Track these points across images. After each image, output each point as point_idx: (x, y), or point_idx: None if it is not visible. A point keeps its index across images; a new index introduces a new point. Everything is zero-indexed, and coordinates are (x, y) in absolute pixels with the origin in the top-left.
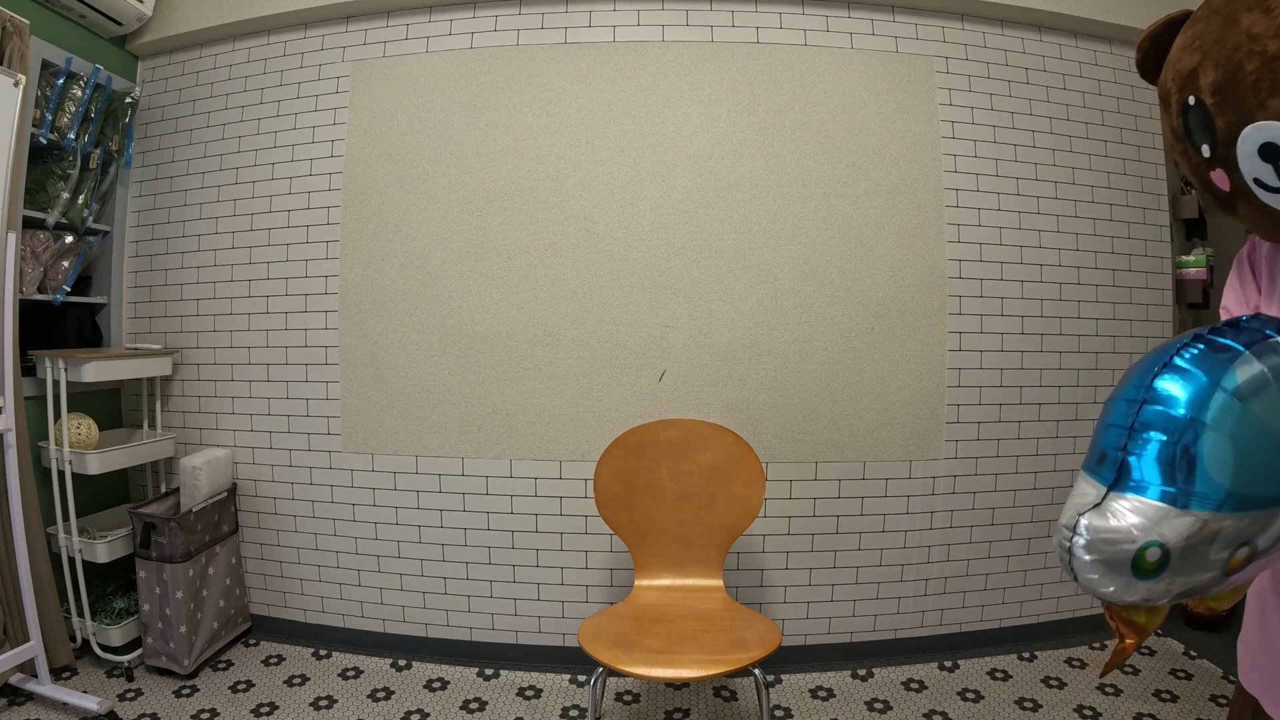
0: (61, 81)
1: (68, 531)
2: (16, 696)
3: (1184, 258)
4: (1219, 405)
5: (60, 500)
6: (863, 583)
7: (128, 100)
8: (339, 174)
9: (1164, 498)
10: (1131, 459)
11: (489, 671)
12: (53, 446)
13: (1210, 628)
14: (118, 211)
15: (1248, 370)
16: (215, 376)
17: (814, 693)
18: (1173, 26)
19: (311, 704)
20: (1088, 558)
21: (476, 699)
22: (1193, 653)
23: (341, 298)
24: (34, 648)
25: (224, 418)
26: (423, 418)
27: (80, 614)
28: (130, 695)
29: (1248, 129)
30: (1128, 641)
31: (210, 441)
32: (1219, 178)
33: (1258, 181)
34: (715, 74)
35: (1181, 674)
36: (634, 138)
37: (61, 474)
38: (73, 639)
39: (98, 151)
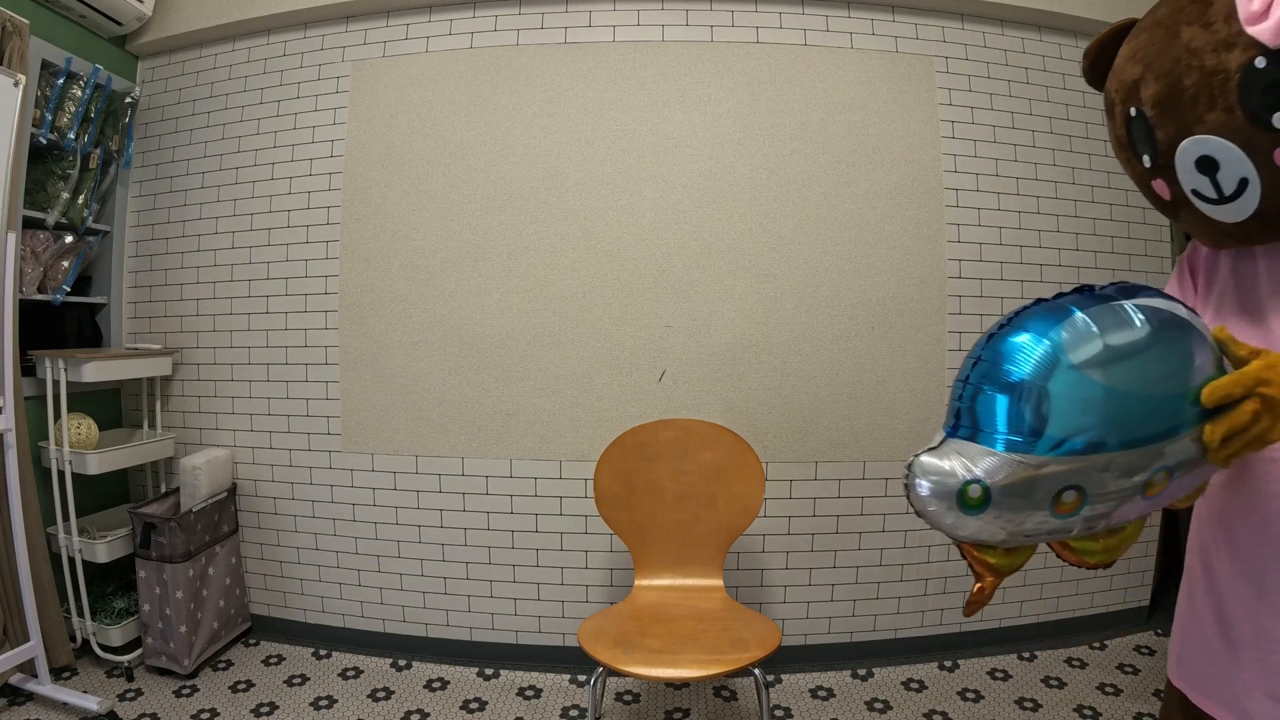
0: (61, 81)
1: (68, 531)
2: (16, 696)
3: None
4: (1040, 356)
5: (60, 500)
6: (863, 583)
7: (128, 100)
8: (339, 174)
9: (982, 439)
10: (962, 406)
11: (489, 671)
12: (53, 446)
13: None
14: (118, 211)
15: (1073, 324)
16: (215, 376)
17: (814, 693)
18: (1119, 36)
19: (311, 704)
20: (922, 492)
21: (476, 699)
22: None
23: (341, 298)
24: (34, 648)
25: (224, 418)
26: (423, 418)
27: (80, 614)
28: (130, 695)
29: (1185, 142)
30: (986, 580)
31: (210, 441)
32: (1160, 187)
33: (1195, 192)
34: (715, 74)
35: None
36: (634, 138)
37: (61, 474)
38: (73, 639)
39: (98, 151)
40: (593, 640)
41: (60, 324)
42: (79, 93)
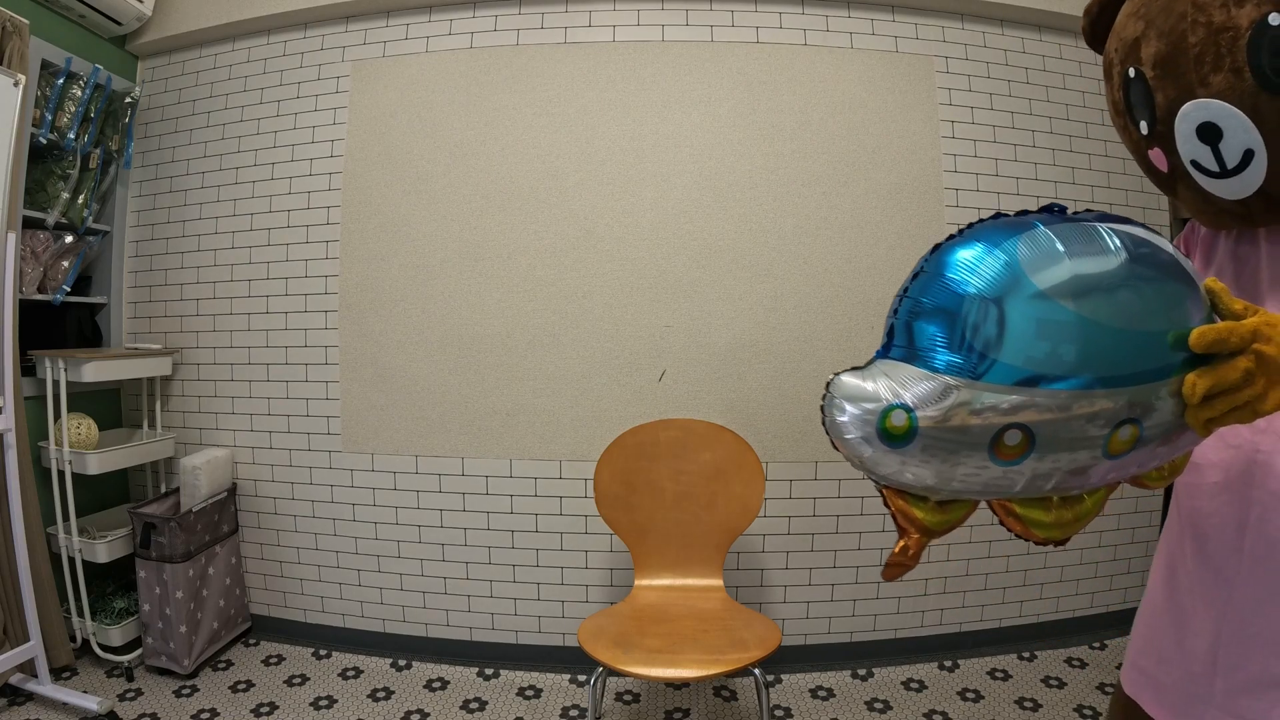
0: (61, 81)
1: (68, 531)
2: (16, 696)
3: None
4: (993, 268)
5: (60, 500)
6: (863, 582)
7: (127, 100)
8: (339, 174)
9: (917, 361)
10: (896, 323)
11: (489, 671)
12: (53, 446)
13: None
14: (118, 211)
15: (1035, 238)
16: (215, 376)
17: (814, 693)
18: None
19: (311, 704)
20: (839, 418)
21: (476, 699)
22: None
23: (341, 298)
24: (34, 648)
25: (224, 418)
26: (423, 418)
27: (80, 614)
28: (130, 695)
29: (1187, 106)
30: (911, 538)
31: (210, 441)
32: (1157, 157)
33: (1195, 164)
34: (715, 74)
35: None
36: (634, 138)
37: (61, 474)
38: (73, 639)
39: (98, 151)
40: (593, 640)
41: (60, 324)
42: (79, 93)
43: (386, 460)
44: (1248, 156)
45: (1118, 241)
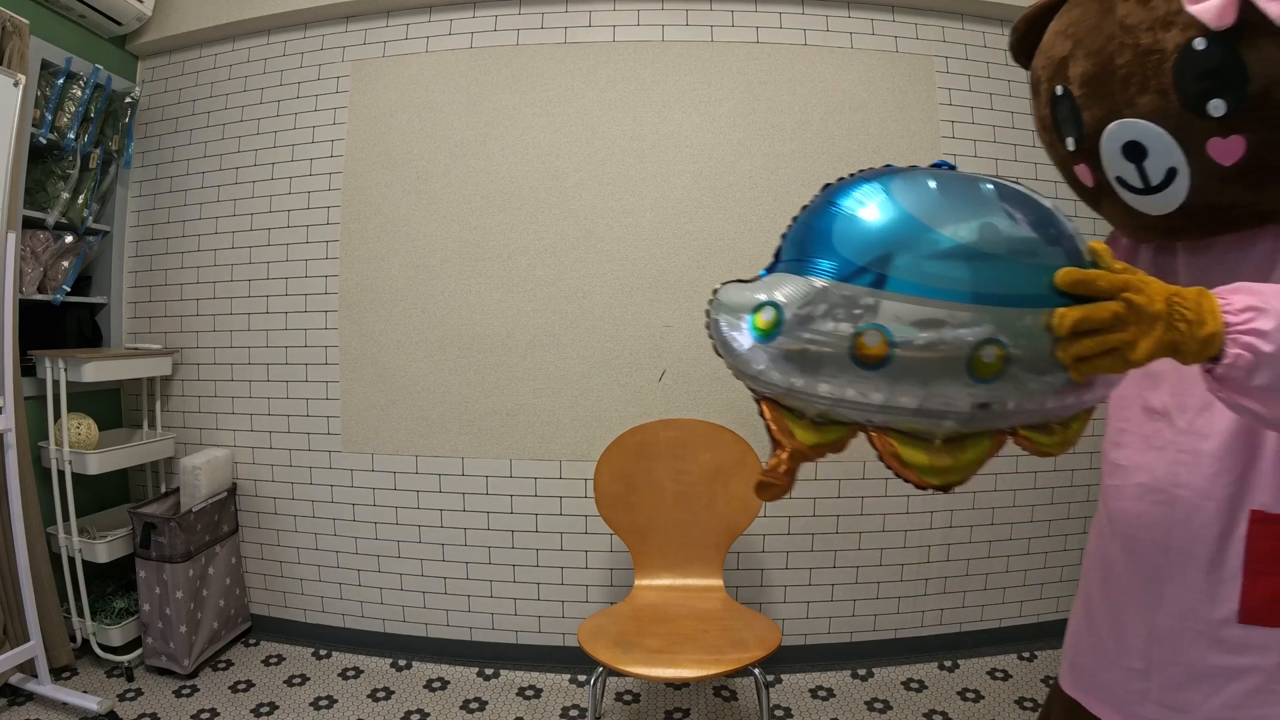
0: (61, 81)
1: (68, 531)
2: (16, 696)
3: None
4: (870, 194)
5: (60, 500)
6: (863, 582)
7: (127, 100)
8: (339, 174)
9: (789, 266)
10: (783, 244)
11: (489, 671)
12: (53, 446)
13: None
14: (118, 211)
15: (914, 176)
16: (215, 376)
17: (814, 693)
18: (1050, 10)
19: (311, 704)
20: (717, 316)
21: (476, 699)
22: None
23: (341, 298)
24: (34, 648)
25: (224, 418)
26: (423, 418)
27: (80, 614)
28: (130, 695)
29: (1113, 125)
30: (782, 456)
31: (210, 441)
32: (1083, 172)
33: (1120, 180)
34: (715, 74)
35: None
36: (634, 138)
37: (61, 474)
38: (73, 639)
39: (98, 151)
40: (593, 640)
41: (60, 324)
42: (79, 93)
43: (386, 460)
44: (1171, 174)
45: (991, 187)
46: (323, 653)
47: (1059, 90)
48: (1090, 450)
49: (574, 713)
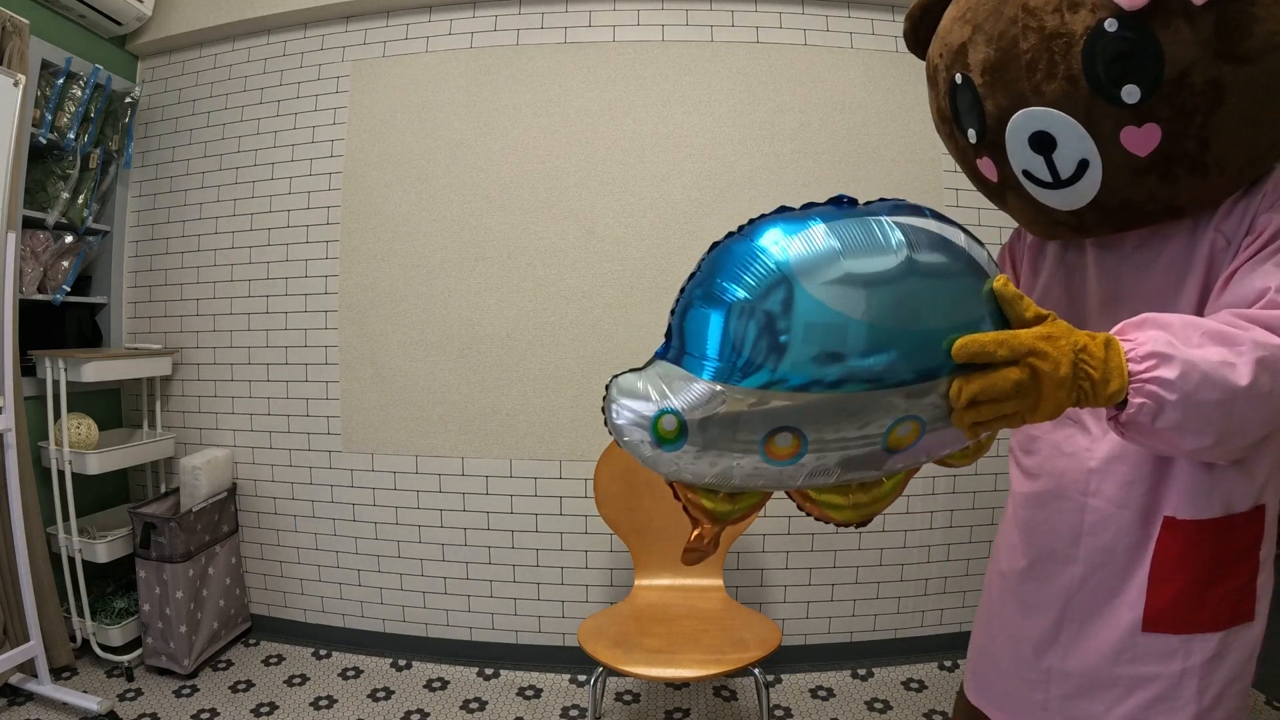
0: (61, 81)
1: (68, 531)
2: (16, 696)
3: None
4: (762, 271)
5: (60, 500)
6: (863, 582)
7: (127, 100)
8: (339, 174)
9: (688, 363)
10: (674, 323)
11: (489, 671)
12: (53, 446)
13: None
14: (118, 211)
15: (810, 236)
16: (215, 376)
17: (814, 693)
18: None
19: (311, 704)
20: (618, 420)
21: (476, 699)
22: None
23: (341, 298)
24: (34, 648)
25: (224, 418)
26: (423, 418)
27: (80, 614)
28: (130, 695)
29: (1018, 115)
30: (705, 527)
31: (210, 441)
32: (986, 166)
33: (1027, 174)
34: (715, 74)
35: None
36: (634, 138)
37: (61, 474)
38: (73, 639)
39: (97, 151)
40: (593, 640)
41: (60, 324)
42: (79, 93)
43: (386, 460)
44: (1082, 167)
45: (899, 236)
46: (323, 653)
47: (958, 79)
48: None
49: (574, 713)
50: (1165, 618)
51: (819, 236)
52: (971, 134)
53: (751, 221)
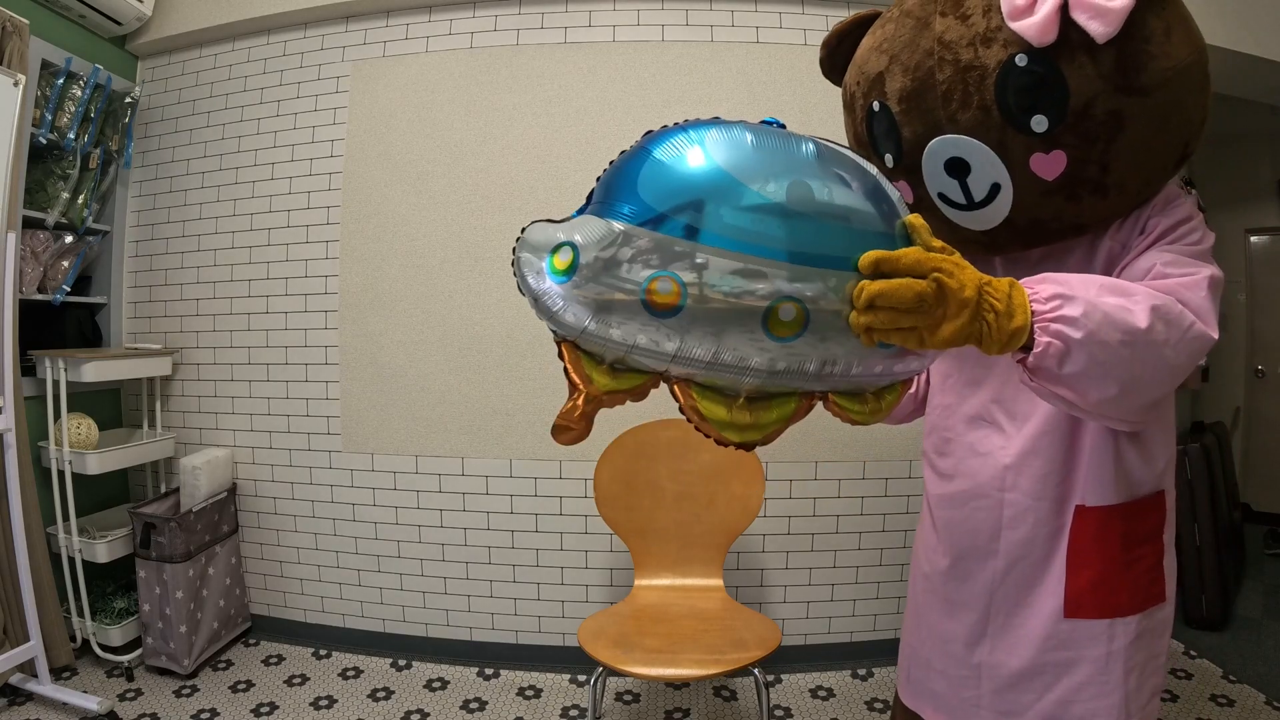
0: (61, 81)
1: (68, 531)
2: (16, 696)
3: None
4: (681, 141)
5: (60, 500)
6: (863, 582)
7: (127, 100)
8: (339, 174)
9: (595, 209)
10: (596, 186)
11: (489, 671)
12: (53, 446)
13: (1209, 627)
14: (117, 211)
15: (731, 128)
16: (215, 376)
17: (814, 693)
18: (862, 25)
19: (311, 704)
20: (521, 254)
21: (476, 699)
22: (1192, 653)
23: (341, 298)
24: (34, 648)
25: (224, 418)
26: (423, 418)
27: (80, 614)
28: (130, 695)
29: (934, 142)
30: (578, 398)
31: (210, 441)
32: (902, 189)
33: (942, 196)
34: (715, 74)
35: (1182, 674)
36: (634, 138)
37: (61, 474)
38: (73, 639)
39: (97, 151)
40: (593, 640)
41: (60, 324)
42: (79, 93)
43: (386, 460)
44: (994, 190)
45: (812, 147)
46: (323, 653)
47: (875, 106)
48: None
49: (574, 713)
50: (1086, 602)
51: (741, 130)
52: (888, 158)
53: (685, 120)
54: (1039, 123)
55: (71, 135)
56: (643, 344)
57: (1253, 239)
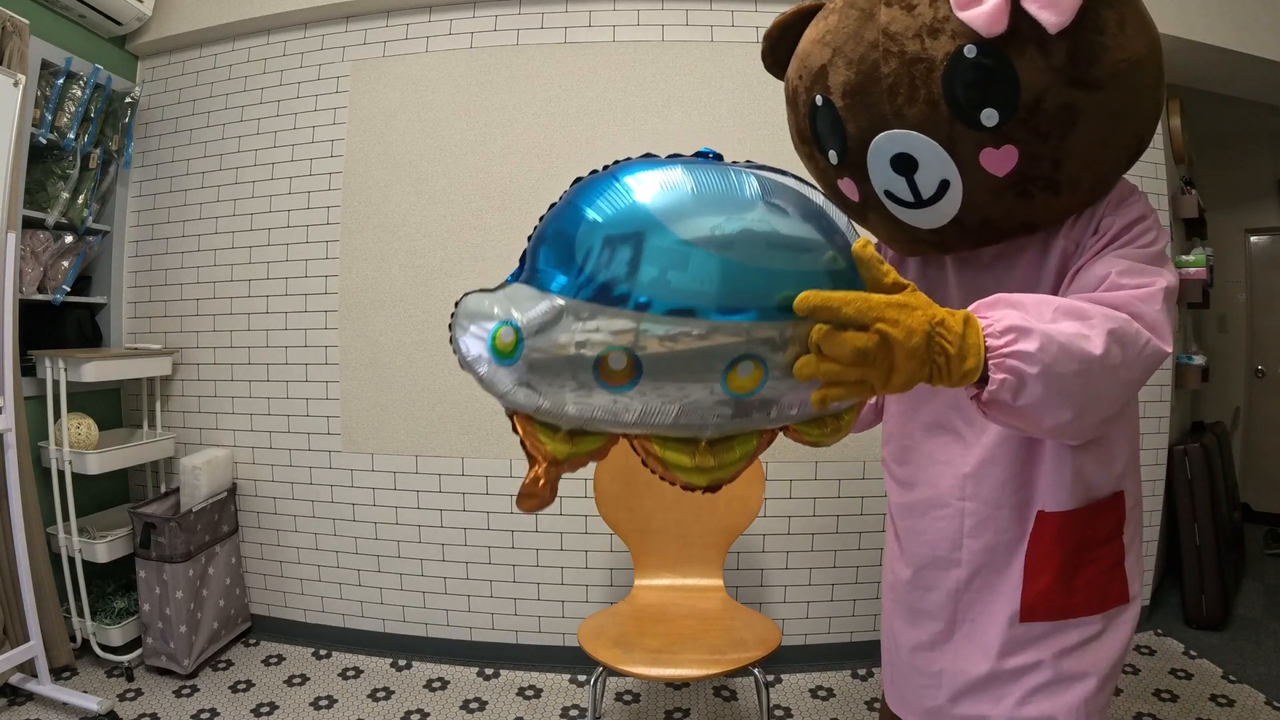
0: (61, 81)
1: (68, 531)
2: (16, 696)
3: (1184, 257)
4: (611, 196)
5: (60, 500)
6: (862, 582)
7: (127, 100)
8: (339, 174)
9: (529, 279)
10: (528, 249)
11: (489, 671)
12: (53, 446)
13: (1209, 627)
14: (117, 211)
15: (667, 171)
16: (215, 376)
17: (814, 693)
18: (805, 17)
19: (311, 704)
20: (460, 334)
21: (476, 699)
22: (1193, 653)
23: (341, 298)
24: (34, 648)
25: (224, 418)
26: (423, 418)
27: (80, 614)
28: (130, 695)
29: (880, 137)
30: (540, 467)
31: (210, 441)
32: (847, 187)
33: (889, 194)
34: (715, 74)
35: (1181, 674)
36: (634, 137)
37: (61, 474)
38: (73, 639)
39: (97, 151)
40: (593, 640)
41: (60, 324)
42: (79, 93)
43: (386, 460)
44: (943, 187)
45: (755, 184)
46: (323, 653)
47: (818, 100)
48: None
49: (574, 713)
50: (1041, 607)
51: (677, 175)
52: (833, 155)
53: (616, 162)
54: (989, 117)
55: (71, 135)
56: (600, 416)
57: (1253, 239)
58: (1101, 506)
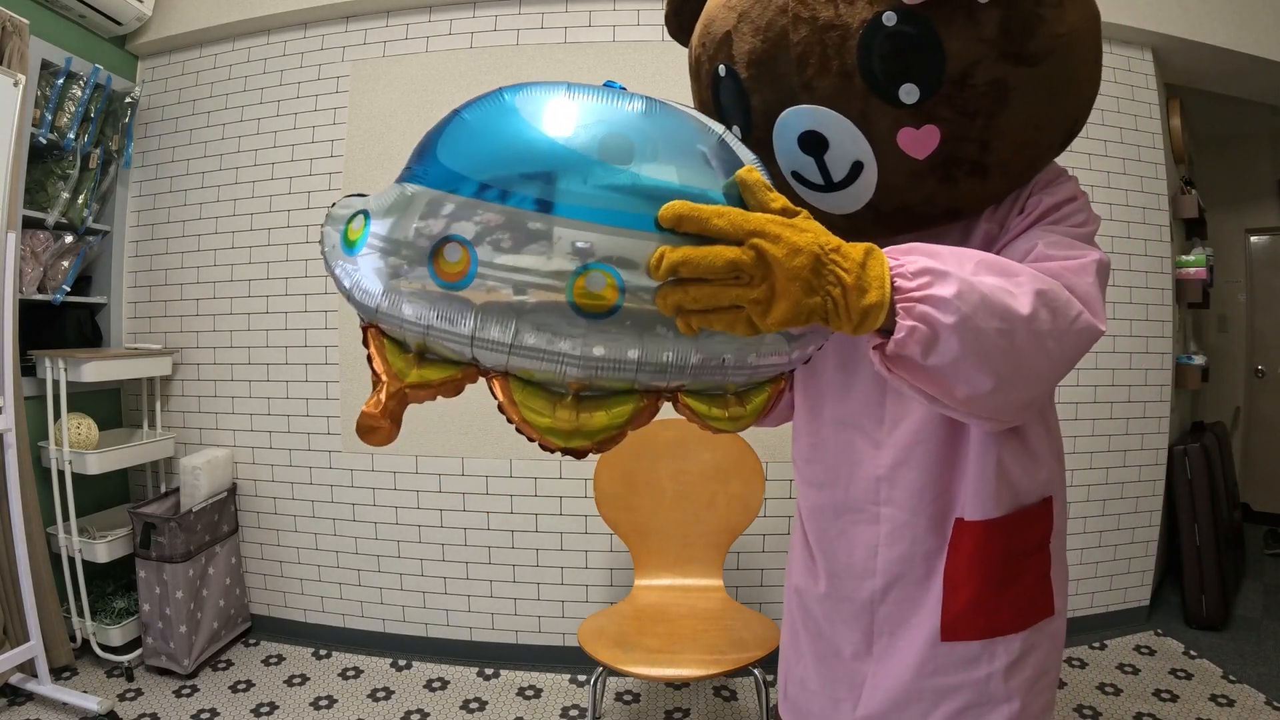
0: (61, 81)
1: (68, 531)
2: (16, 696)
3: (1184, 257)
4: (490, 98)
5: (60, 500)
6: None
7: (127, 100)
8: (339, 174)
9: (399, 178)
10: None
11: (489, 671)
12: (53, 446)
13: (1209, 627)
14: (118, 211)
15: (552, 86)
16: (215, 376)
17: None
18: None
19: (311, 704)
20: (325, 228)
21: (476, 699)
22: (1193, 653)
23: (341, 298)
24: (34, 648)
25: (224, 418)
26: (422, 418)
27: (80, 614)
28: (130, 695)
29: (787, 113)
30: (382, 391)
31: (210, 441)
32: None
33: (797, 175)
34: None
35: (1181, 674)
36: None
37: (61, 474)
38: (73, 639)
39: (97, 151)
40: (593, 640)
41: (60, 324)
42: (79, 93)
43: (386, 460)
44: (856, 169)
45: (641, 102)
46: (323, 653)
47: (721, 71)
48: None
49: (574, 713)
50: (963, 624)
51: (559, 86)
52: (736, 131)
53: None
54: (908, 93)
55: (71, 135)
56: (438, 324)
57: (1253, 239)
58: (1030, 514)
